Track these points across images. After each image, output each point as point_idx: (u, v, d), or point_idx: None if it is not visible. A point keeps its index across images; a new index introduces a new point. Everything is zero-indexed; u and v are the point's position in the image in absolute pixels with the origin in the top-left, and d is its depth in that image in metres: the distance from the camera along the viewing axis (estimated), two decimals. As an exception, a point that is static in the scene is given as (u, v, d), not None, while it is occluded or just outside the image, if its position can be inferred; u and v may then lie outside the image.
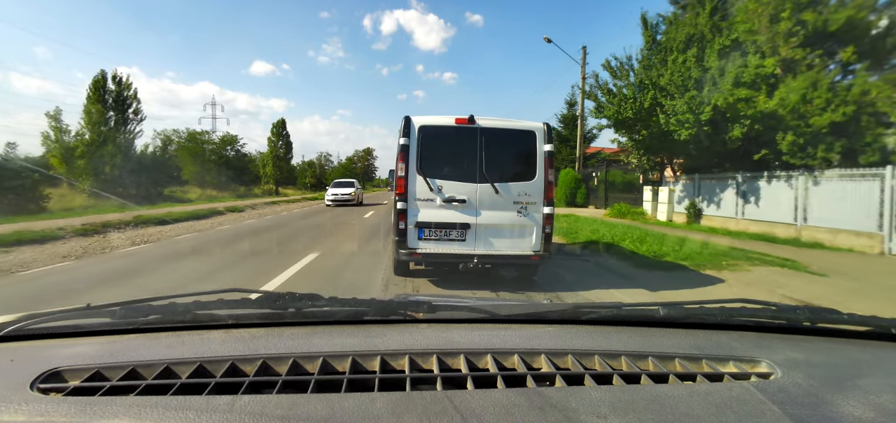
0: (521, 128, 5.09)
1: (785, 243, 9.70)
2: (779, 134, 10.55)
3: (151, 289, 5.15)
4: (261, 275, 5.88)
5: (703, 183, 14.00)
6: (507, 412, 0.70)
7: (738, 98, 11.01)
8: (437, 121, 5.03)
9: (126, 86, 27.19)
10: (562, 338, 1.05)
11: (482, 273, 5.38)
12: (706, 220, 13.69)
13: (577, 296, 5.19)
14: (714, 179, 13.55)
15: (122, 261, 7.06)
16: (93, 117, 25.14)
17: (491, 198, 4.99)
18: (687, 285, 5.72)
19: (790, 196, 10.76)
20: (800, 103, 9.81)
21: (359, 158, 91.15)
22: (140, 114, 27.99)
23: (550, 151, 5.01)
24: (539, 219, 5.01)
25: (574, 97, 28.36)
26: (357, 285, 5.40)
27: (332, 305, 1.12)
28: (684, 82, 12.66)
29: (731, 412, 0.72)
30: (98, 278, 5.87)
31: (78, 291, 5.15)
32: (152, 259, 7.24)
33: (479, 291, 5.11)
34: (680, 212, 14.61)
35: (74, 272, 6.20)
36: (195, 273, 6.17)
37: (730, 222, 12.64)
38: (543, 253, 5.00)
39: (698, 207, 13.97)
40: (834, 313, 1.18)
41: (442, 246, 4.99)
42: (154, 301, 1.13)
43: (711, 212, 13.54)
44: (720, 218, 13.05)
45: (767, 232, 11.06)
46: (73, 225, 10.40)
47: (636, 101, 14.15)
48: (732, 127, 11.58)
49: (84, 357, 0.89)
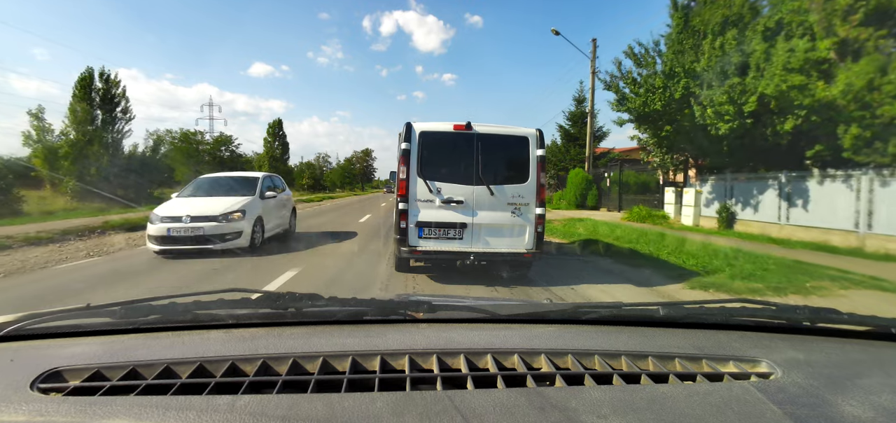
0: (515, 134, 5.44)
1: (847, 255, 8.40)
2: (840, 127, 9.01)
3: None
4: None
5: (737, 184, 12.47)
6: (508, 411, 0.70)
7: (792, 85, 9.39)
8: (437, 127, 5.37)
9: (114, 83, 26.06)
10: (562, 338, 1.05)
11: (479, 270, 5.76)
12: (741, 225, 12.16)
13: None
14: (750, 180, 12.02)
15: (51, 282, 5.68)
16: (78, 116, 24.08)
17: (487, 199, 5.33)
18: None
19: (849, 199, 9.31)
20: (865, 90, 8.33)
21: (357, 158, 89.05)
22: (129, 113, 26.81)
23: (542, 156, 5.39)
24: (532, 219, 5.35)
25: (583, 93, 27.06)
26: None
27: (332, 305, 1.12)
28: (723, 69, 10.87)
29: (731, 412, 0.72)
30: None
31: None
32: (89, 280, 5.75)
33: (476, 286, 5.34)
34: (708, 216, 13.29)
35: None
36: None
37: (770, 227, 11.16)
38: (536, 251, 5.34)
39: (731, 211, 12.49)
40: (834, 313, 1.18)
41: (441, 244, 5.31)
42: (154, 301, 1.13)
43: (747, 216, 12.01)
44: (758, 223, 11.59)
45: (821, 240, 9.71)
46: (26, 233, 9.21)
47: (666, 90, 12.35)
48: (782, 120, 9.99)
49: (84, 357, 0.89)
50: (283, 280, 5.63)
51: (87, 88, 24.92)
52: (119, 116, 26.42)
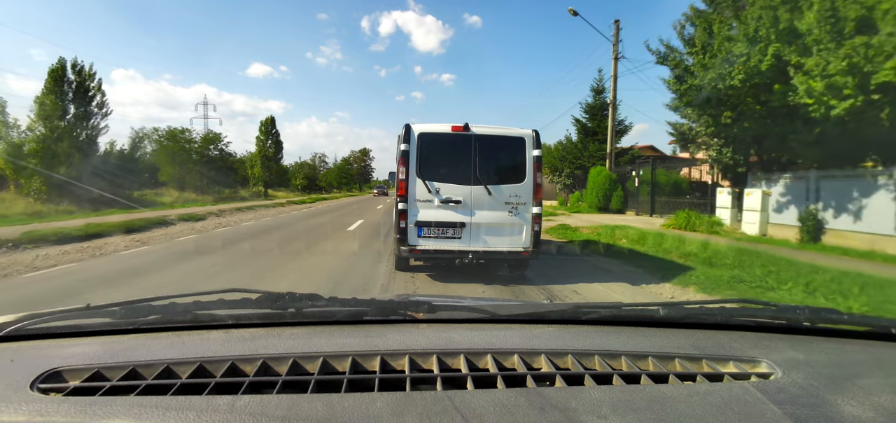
0: (511, 134, 5.56)
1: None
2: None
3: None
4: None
5: (826, 183, 9.87)
6: (508, 412, 0.70)
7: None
8: (435, 128, 5.51)
9: (89, 76, 23.97)
10: (562, 338, 1.05)
11: (477, 268, 5.85)
12: (833, 236, 9.60)
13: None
14: (850, 178, 9.40)
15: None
16: (46, 109, 21.89)
17: (484, 199, 5.46)
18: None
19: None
20: None
21: (355, 158, 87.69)
22: (105, 107, 24.62)
23: (538, 157, 5.50)
24: (529, 218, 5.48)
25: (602, 83, 24.37)
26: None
27: (332, 305, 1.12)
28: (839, 26, 7.63)
29: (732, 412, 0.72)
30: None
31: None
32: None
33: (473, 284, 5.41)
34: (780, 224, 10.78)
35: None
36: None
37: (885, 241, 8.54)
38: (533, 249, 5.46)
39: (819, 219, 9.91)
40: (834, 313, 1.18)
41: (439, 243, 5.44)
42: (154, 301, 1.13)
43: (843, 225, 9.46)
44: (861, 235, 9.06)
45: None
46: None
47: (750, 59, 9.19)
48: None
49: (84, 357, 0.89)
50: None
51: (59, 80, 22.94)
52: (94, 110, 24.31)
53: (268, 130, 45.01)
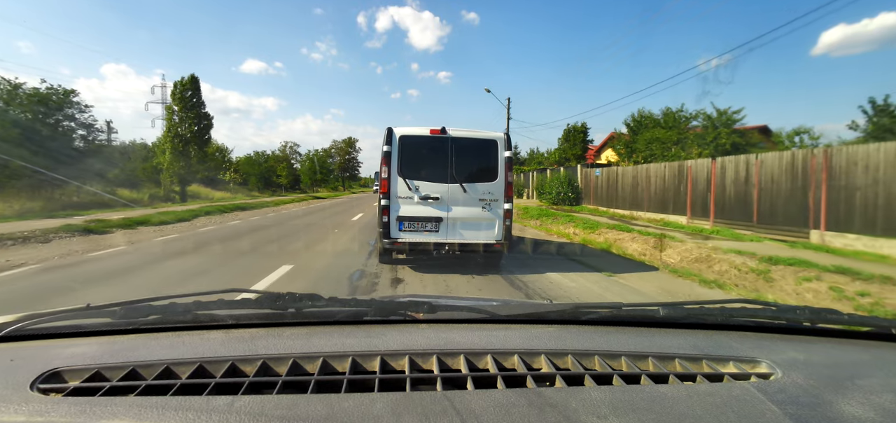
0: (484, 138, 6.09)
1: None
2: None
3: None
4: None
5: None
6: (507, 412, 0.70)
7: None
8: (415, 131, 6.02)
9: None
10: (562, 338, 1.05)
11: (454, 259, 6.74)
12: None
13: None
14: None
15: None
16: None
17: (460, 196, 5.99)
18: None
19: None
20: None
21: (337, 149, 66.13)
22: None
23: (509, 158, 6.05)
24: (501, 213, 6.03)
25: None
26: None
27: (332, 305, 1.12)
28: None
29: (731, 412, 0.72)
30: None
31: None
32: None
33: (452, 274, 6.01)
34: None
35: None
36: None
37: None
38: (505, 242, 6.02)
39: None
40: (834, 313, 1.18)
41: (419, 236, 5.96)
42: (154, 301, 1.13)
43: None
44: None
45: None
46: None
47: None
48: None
49: (84, 357, 0.89)
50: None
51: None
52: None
53: (185, 97, 28.12)
